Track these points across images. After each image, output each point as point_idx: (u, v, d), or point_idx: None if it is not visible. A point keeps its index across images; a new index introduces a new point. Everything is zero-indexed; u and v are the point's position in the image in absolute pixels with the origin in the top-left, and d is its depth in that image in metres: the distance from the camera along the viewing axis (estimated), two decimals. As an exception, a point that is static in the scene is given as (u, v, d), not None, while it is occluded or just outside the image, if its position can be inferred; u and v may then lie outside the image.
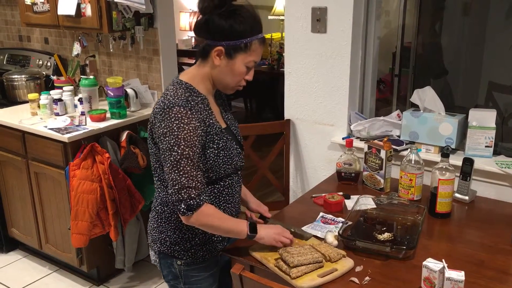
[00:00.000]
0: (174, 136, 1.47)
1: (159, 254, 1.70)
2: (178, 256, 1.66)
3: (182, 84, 1.57)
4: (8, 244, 3.37)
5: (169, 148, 1.48)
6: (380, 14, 2.53)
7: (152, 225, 1.70)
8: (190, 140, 1.48)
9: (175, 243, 1.65)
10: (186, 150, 1.47)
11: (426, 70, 3.52)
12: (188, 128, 1.48)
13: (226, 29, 1.50)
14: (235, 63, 1.54)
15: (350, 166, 2.21)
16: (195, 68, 1.61)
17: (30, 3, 3.15)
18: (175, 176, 1.48)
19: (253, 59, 1.56)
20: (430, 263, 1.44)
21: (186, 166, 1.48)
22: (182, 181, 1.48)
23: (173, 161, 1.48)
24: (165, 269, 1.72)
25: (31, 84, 3.37)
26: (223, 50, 1.52)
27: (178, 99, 1.51)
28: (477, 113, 2.15)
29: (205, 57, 1.57)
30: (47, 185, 2.89)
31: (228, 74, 1.57)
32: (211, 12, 1.50)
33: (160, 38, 3.03)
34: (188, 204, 1.49)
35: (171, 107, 1.49)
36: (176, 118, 1.47)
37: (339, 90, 2.47)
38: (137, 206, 2.82)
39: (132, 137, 2.86)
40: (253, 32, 1.53)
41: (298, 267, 1.50)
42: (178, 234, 1.65)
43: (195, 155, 1.49)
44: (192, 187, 1.48)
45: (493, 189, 2.12)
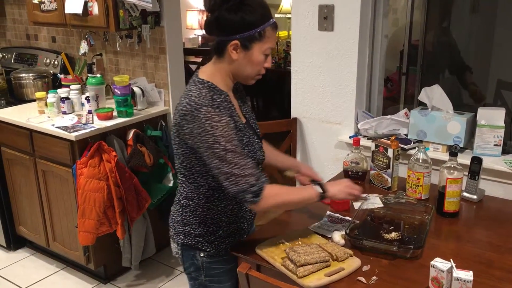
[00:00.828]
0: (211, 135, 1.48)
1: (182, 246, 1.71)
2: (201, 248, 1.68)
3: (204, 84, 1.57)
4: (16, 241, 3.40)
5: (210, 147, 1.49)
6: (387, 12, 2.52)
7: (176, 218, 1.72)
8: (227, 135, 1.50)
9: (199, 235, 1.67)
10: (227, 145, 1.49)
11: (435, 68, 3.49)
12: (221, 125, 1.49)
13: (238, 22, 1.50)
14: (253, 54, 1.55)
15: (357, 165, 2.20)
16: (212, 66, 1.62)
17: (38, 2, 3.16)
18: (227, 170, 1.49)
19: (269, 46, 1.57)
20: (438, 263, 1.43)
21: (234, 159, 1.49)
22: (235, 172, 1.49)
23: (218, 157, 1.49)
24: (187, 261, 1.73)
25: (38, 83, 3.38)
26: (238, 44, 1.53)
27: (204, 99, 1.51)
28: (485, 112, 2.13)
29: (220, 54, 1.58)
30: (55, 183, 2.91)
31: (247, 66, 1.57)
32: (220, 8, 1.50)
33: (167, 36, 3.03)
34: (252, 191, 1.50)
35: (199, 108, 1.49)
36: (207, 118, 1.48)
37: (346, 89, 2.46)
38: (144, 205, 2.82)
39: (139, 136, 2.87)
40: (264, 19, 1.53)
41: (305, 266, 1.50)
42: (203, 227, 1.67)
43: (237, 147, 1.51)
44: (247, 174, 1.50)
45: (501, 188, 2.10)
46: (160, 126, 3.09)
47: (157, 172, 2.96)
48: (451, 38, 3.59)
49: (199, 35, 6.60)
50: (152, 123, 3.06)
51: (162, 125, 3.09)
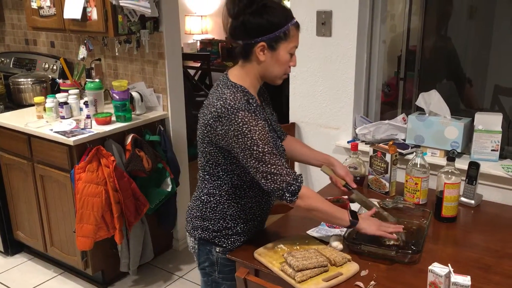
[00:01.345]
0: (249, 138, 1.53)
1: (199, 240, 1.75)
2: (218, 243, 1.72)
3: (237, 88, 1.61)
4: (14, 246, 3.39)
5: (247, 148, 1.54)
6: (385, 17, 2.53)
7: (195, 213, 1.75)
8: (264, 138, 1.55)
9: (217, 230, 1.72)
10: (265, 147, 1.54)
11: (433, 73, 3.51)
12: (258, 128, 1.54)
13: (264, 24, 1.55)
14: (279, 53, 1.59)
15: (356, 169, 2.20)
16: (241, 69, 1.66)
17: (37, 7, 3.17)
18: (265, 169, 1.54)
19: (294, 45, 1.62)
20: (436, 268, 1.43)
21: (271, 160, 1.55)
22: (273, 171, 1.55)
23: (257, 157, 1.54)
24: (202, 256, 1.77)
25: (37, 88, 3.38)
26: (265, 45, 1.57)
27: (240, 103, 1.55)
28: (483, 117, 2.14)
29: (247, 57, 1.62)
30: (53, 188, 2.90)
31: (275, 66, 1.62)
32: (244, 13, 1.55)
33: (166, 41, 3.04)
34: (290, 190, 1.57)
35: (236, 112, 1.53)
36: (244, 122, 1.53)
37: (344, 94, 2.47)
38: (142, 209, 2.82)
39: (137, 140, 2.87)
40: (287, 19, 1.58)
41: (303, 271, 1.50)
42: (221, 223, 1.71)
43: (273, 149, 1.57)
44: (284, 174, 1.56)
45: (499, 193, 2.11)
46: (158, 131, 3.09)
47: (156, 177, 2.96)
48: (448, 44, 3.60)
49: (197, 40, 6.61)
50: (150, 128, 3.06)
51: (161, 130, 3.09)
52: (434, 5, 3.43)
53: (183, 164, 3.28)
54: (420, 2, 3.26)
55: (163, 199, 2.97)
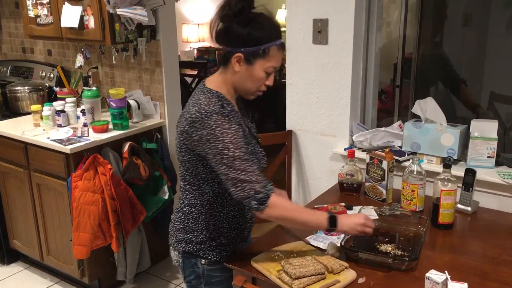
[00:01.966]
0: (220, 141, 1.51)
1: (183, 254, 1.72)
2: (202, 256, 1.70)
3: (213, 93, 1.61)
4: (10, 255, 3.37)
5: (219, 153, 1.52)
6: (381, 25, 2.54)
7: (177, 226, 1.73)
8: (236, 142, 1.53)
9: (201, 242, 1.69)
10: (236, 151, 1.52)
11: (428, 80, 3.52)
12: (231, 132, 1.53)
13: (245, 36, 1.54)
14: (254, 69, 1.58)
15: (352, 177, 2.21)
16: (219, 76, 1.66)
17: (34, 16, 3.18)
18: (234, 176, 1.51)
19: (272, 65, 1.60)
20: (433, 275, 1.43)
21: (241, 165, 1.51)
22: (242, 178, 1.51)
23: (227, 163, 1.51)
24: (188, 269, 1.74)
25: (34, 96, 3.39)
26: (242, 57, 1.56)
27: (214, 107, 1.55)
28: (478, 124, 2.15)
29: (226, 64, 1.62)
30: (49, 196, 2.89)
31: (248, 80, 1.61)
32: (231, 19, 1.55)
33: (163, 49, 3.05)
34: (258, 198, 1.52)
35: (209, 115, 1.53)
36: (217, 125, 1.52)
37: (340, 101, 2.48)
38: (139, 217, 2.81)
39: (134, 148, 2.87)
40: (271, 38, 1.56)
41: (300, 279, 1.50)
42: (205, 234, 1.68)
43: (245, 154, 1.54)
44: (253, 181, 1.52)
45: (495, 199, 2.11)
46: (155, 138, 3.09)
47: (153, 184, 2.96)
48: (444, 51, 3.62)
49: (194, 48, 6.63)
50: (147, 135, 3.06)
51: (158, 138, 3.09)
52: (430, 12, 3.46)
53: (180, 171, 3.28)
54: (415, 10, 3.28)
55: (160, 207, 2.97)
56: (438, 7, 3.58)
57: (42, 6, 3.11)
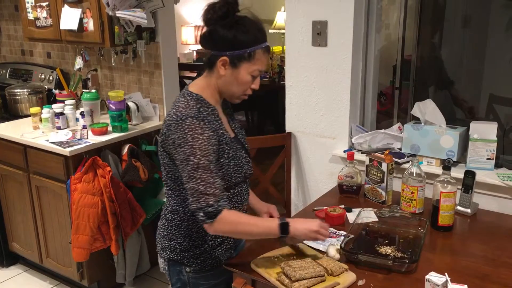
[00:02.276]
0: (189, 146, 1.50)
1: (169, 261, 1.71)
2: (187, 263, 1.68)
3: (192, 96, 1.59)
4: (9, 258, 3.36)
5: (185, 159, 1.51)
6: (380, 27, 2.55)
7: (162, 233, 1.72)
8: (205, 149, 1.51)
9: (184, 250, 1.67)
10: (202, 159, 1.50)
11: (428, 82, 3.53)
12: (202, 138, 1.51)
13: (230, 39, 1.53)
14: (240, 72, 1.57)
15: (352, 179, 2.21)
16: (203, 79, 1.64)
17: (33, 18, 3.18)
18: (193, 185, 1.51)
19: (258, 68, 1.58)
20: (433, 277, 1.43)
21: (202, 174, 1.50)
22: (199, 189, 1.50)
23: (190, 171, 1.50)
24: (174, 277, 1.73)
25: (33, 98, 3.38)
26: (227, 60, 1.55)
27: (190, 110, 1.54)
28: (478, 126, 2.15)
29: (211, 68, 1.60)
30: (48, 199, 2.89)
31: (233, 84, 1.59)
32: (215, 23, 1.54)
33: (162, 52, 3.05)
34: (206, 212, 1.50)
35: (184, 118, 1.51)
36: (190, 129, 1.50)
37: (340, 103, 2.48)
38: (138, 220, 2.81)
39: (134, 151, 2.87)
40: (256, 41, 1.55)
41: (300, 281, 1.49)
42: (188, 241, 1.66)
43: (211, 163, 1.52)
44: (210, 194, 1.50)
45: (495, 201, 2.11)
46: (155, 141, 3.09)
47: (152, 187, 2.96)
48: (443, 53, 3.63)
49: (194, 50, 6.63)
50: (147, 138, 3.06)
51: (157, 140, 3.09)
52: (429, 14, 3.47)
53: (180, 174, 3.28)
54: (414, 12, 3.29)
55: (160, 209, 2.96)
56: (437, 9, 3.59)
57: (42, 8, 3.11)
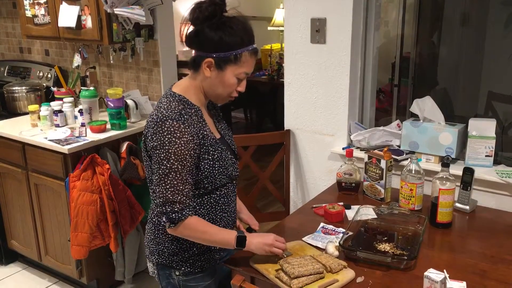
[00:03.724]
0: (165, 150, 1.48)
1: (157, 265, 1.70)
2: (176, 267, 1.66)
3: (175, 97, 1.57)
4: (8, 256, 3.36)
5: (159, 161, 1.50)
6: (379, 24, 2.54)
7: (149, 237, 1.71)
8: (181, 154, 1.49)
9: (173, 254, 1.66)
10: (175, 164, 1.49)
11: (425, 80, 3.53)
12: (180, 142, 1.49)
13: (216, 41, 1.50)
14: (225, 75, 1.54)
15: (351, 176, 2.21)
16: (188, 80, 1.62)
17: (31, 16, 3.17)
18: (162, 189, 1.51)
19: (244, 71, 1.56)
20: (431, 274, 1.43)
21: (173, 180, 1.49)
22: (167, 195, 1.50)
23: (161, 174, 1.50)
24: (163, 281, 1.71)
25: (31, 96, 3.38)
26: (213, 62, 1.52)
27: (172, 112, 1.51)
28: (477, 123, 2.15)
29: (196, 69, 1.58)
30: (47, 197, 2.89)
31: (219, 86, 1.57)
32: (202, 23, 1.51)
33: (160, 49, 3.04)
34: (170, 217, 1.51)
35: (164, 120, 1.49)
36: (169, 132, 1.48)
37: (338, 100, 2.48)
38: (137, 217, 2.81)
39: (132, 148, 2.86)
40: (243, 43, 1.52)
41: (299, 278, 1.50)
42: (176, 244, 1.65)
43: (184, 168, 1.50)
44: (176, 201, 1.50)
45: (493, 198, 2.11)
46: (153, 138, 3.09)
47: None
48: (442, 50, 3.63)
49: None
50: (145, 135, 3.05)
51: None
52: (427, 12, 3.47)
53: (179, 171, 3.27)
54: (413, 9, 3.29)
55: (159, 207, 2.96)
56: (436, 6, 3.59)
57: (40, 6, 3.11)
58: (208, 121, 1.64)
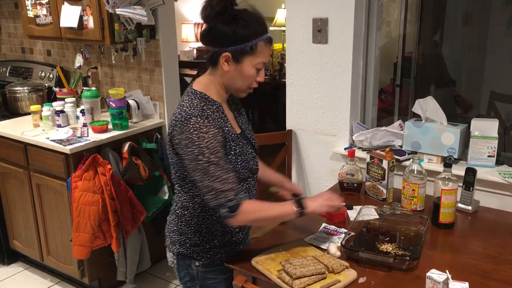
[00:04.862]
0: (196, 146, 1.50)
1: (178, 255, 1.73)
2: (196, 258, 1.69)
3: (196, 94, 1.59)
4: (10, 256, 3.36)
5: (195, 158, 1.51)
6: (381, 24, 2.54)
7: (172, 227, 1.73)
8: (212, 147, 1.51)
9: (194, 245, 1.68)
10: (211, 157, 1.50)
11: (427, 80, 3.52)
12: (208, 136, 1.51)
13: (230, 35, 1.52)
14: (244, 67, 1.56)
15: (353, 176, 2.20)
16: (207, 76, 1.64)
17: (33, 16, 3.18)
18: (208, 183, 1.51)
19: (261, 60, 1.58)
20: (433, 274, 1.43)
21: (215, 172, 1.51)
22: (216, 186, 1.51)
23: (202, 169, 1.51)
24: (182, 271, 1.74)
25: (33, 96, 3.38)
26: (230, 56, 1.54)
27: (194, 109, 1.53)
28: (479, 123, 2.14)
29: (214, 65, 1.60)
30: (49, 197, 2.89)
31: (238, 78, 1.59)
32: (214, 19, 1.52)
33: (162, 49, 3.04)
34: (228, 206, 1.52)
35: (188, 118, 1.51)
36: (195, 129, 1.50)
37: (340, 100, 2.47)
38: (139, 218, 2.81)
39: (134, 148, 2.86)
40: (257, 34, 1.54)
41: (301, 279, 1.49)
42: (198, 236, 1.68)
43: (220, 160, 1.53)
44: (226, 189, 1.51)
45: (496, 199, 2.11)
46: (155, 138, 3.09)
47: (152, 184, 2.95)
48: (444, 50, 3.62)
49: (194, 48, 6.63)
50: (147, 135, 3.06)
51: (158, 138, 3.09)
52: (429, 11, 3.46)
53: (180, 171, 3.27)
54: (415, 9, 3.28)
55: (160, 207, 2.96)
56: (438, 6, 3.59)
57: (41, 6, 3.11)
58: (229, 116, 1.66)
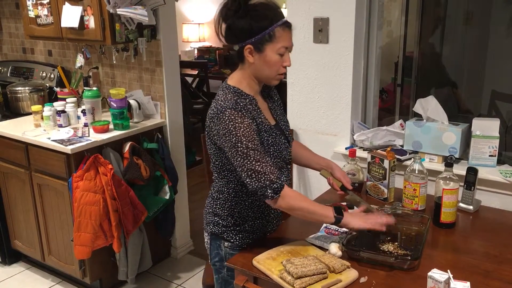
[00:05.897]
0: (234, 134, 1.58)
1: (211, 235, 1.83)
2: (226, 238, 1.79)
3: (230, 89, 1.68)
4: (11, 256, 3.37)
5: (233, 146, 1.59)
6: (382, 24, 2.54)
7: (208, 209, 1.85)
8: (249, 135, 1.59)
9: (226, 226, 1.79)
10: (249, 144, 1.58)
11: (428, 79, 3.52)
12: (243, 126, 1.59)
13: (247, 28, 1.61)
14: (267, 55, 1.63)
15: (354, 176, 2.20)
16: (238, 72, 1.73)
17: (34, 16, 3.18)
18: (250, 166, 1.59)
19: (282, 45, 1.64)
20: (435, 274, 1.43)
21: (255, 156, 1.59)
22: (257, 169, 1.58)
23: (241, 155, 1.59)
24: (213, 251, 1.84)
25: (34, 96, 3.38)
26: (252, 47, 1.62)
27: (228, 102, 1.62)
28: (480, 122, 2.14)
29: (242, 59, 1.68)
30: (50, 197, 2.89)
31: (264, 67, 1.66)
32: (231, 17, 1.62)
33: (163, 49, 3.04)
34: (272, 188, 1.60)
35: (223, 111, 1.60)
36: (230, 120, 1.59)
37: (341, 100, 2.47)
38: (140, 217, 2.81)
39: (135, 148, 2.86)
40: (272, 21, 1.62)
41: (302, 278, 1.49)
42: (230, 219, 1.78)
43: (258, 146, 1.60)
44: (268, 172, 1.59)
45: (497, 198, 2.11)
46: (156, 138, 3.09)
47: (153, 184, 2.96)
48: (445, 50, 3.62)
49: (195, 48, 6.64)
50: (148, 135, 3.06)
51: (159, 138, 3.09)
52: (430, 11, 3.46)
53: (181, 171, 3.28)
54: (416, 9, 3.28)
55: (161, 207, 2.97)
56: (439, 5, 3.58)
57: (42, 6, 3.11)
58: (262, 108, 1.74)
